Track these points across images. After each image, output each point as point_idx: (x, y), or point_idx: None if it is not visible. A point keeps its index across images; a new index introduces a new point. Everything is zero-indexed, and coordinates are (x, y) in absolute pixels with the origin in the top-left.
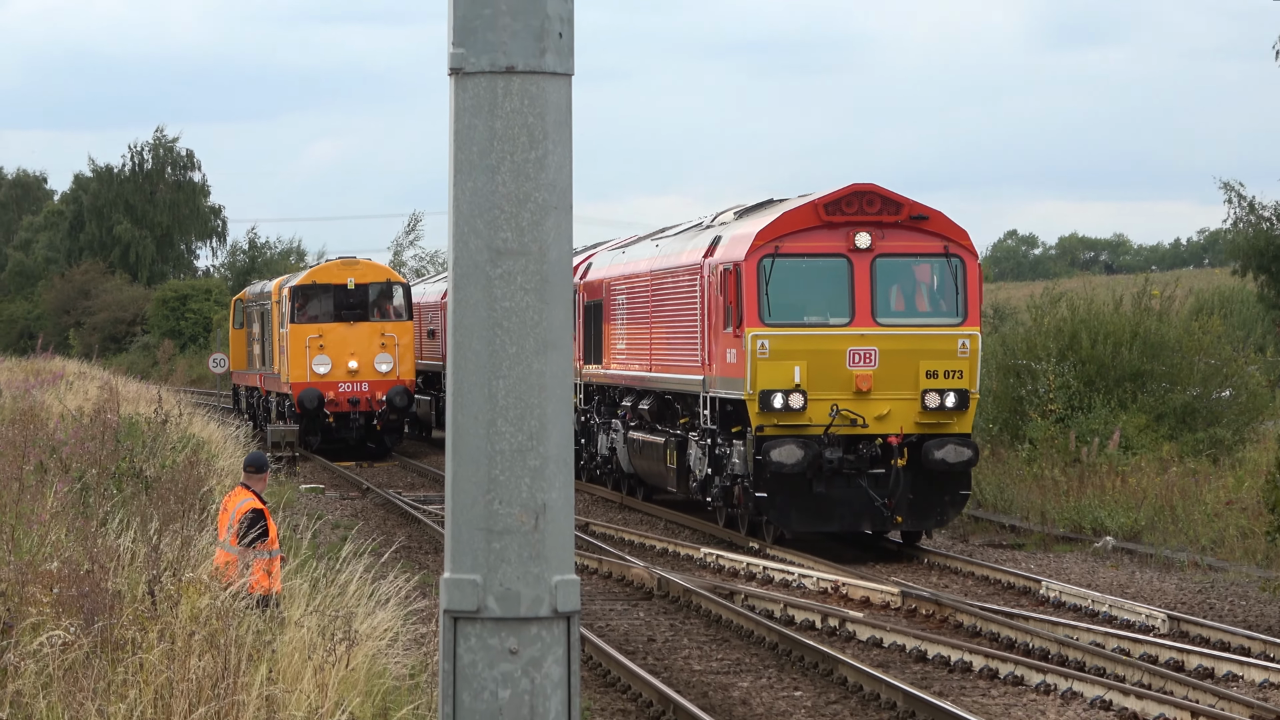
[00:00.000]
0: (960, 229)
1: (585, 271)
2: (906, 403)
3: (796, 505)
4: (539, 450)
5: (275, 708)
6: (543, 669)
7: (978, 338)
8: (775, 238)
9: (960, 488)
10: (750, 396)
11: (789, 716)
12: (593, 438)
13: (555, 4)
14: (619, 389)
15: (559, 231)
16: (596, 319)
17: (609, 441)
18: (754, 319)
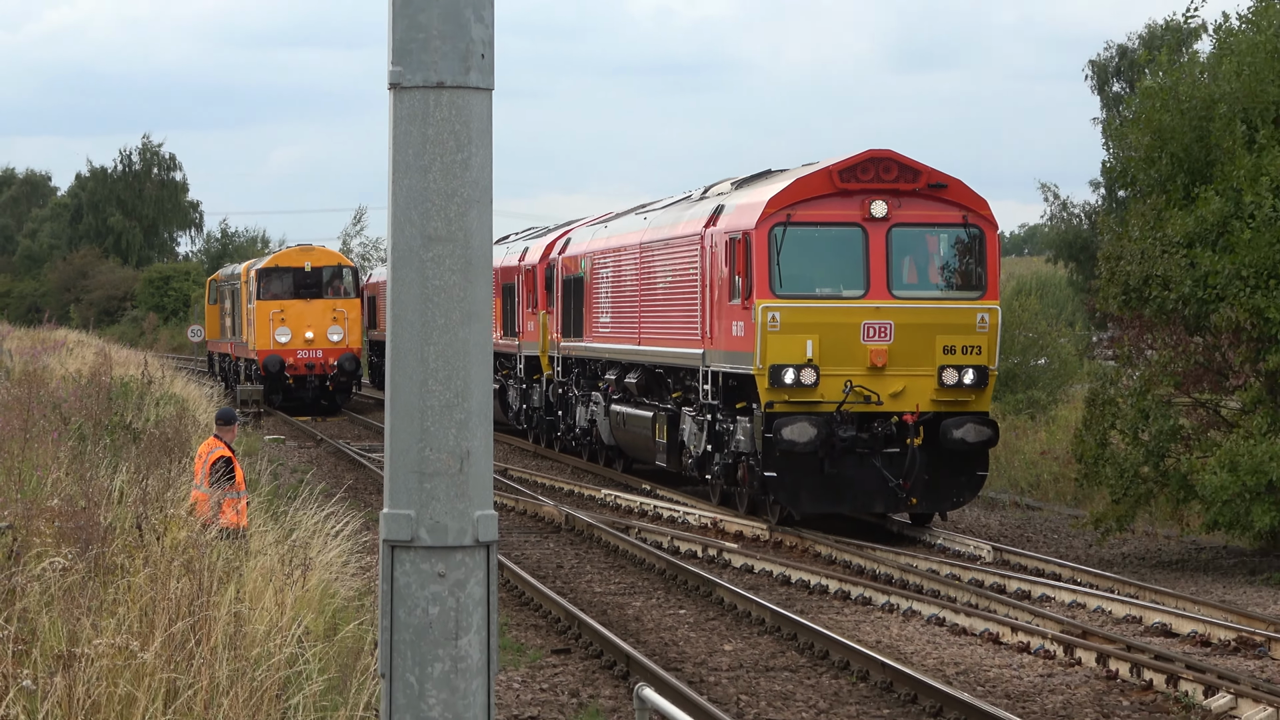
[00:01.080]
0: (979, 198)
1: (564, 247)
2: (923, 379)
3: (807, 485)
4: (464, 406)
5: (241, 623)
6: (466, 589)
7: (998, 312)
8: (787, 205)
9: (977, 468)
10: (759, 371)
11: (675, 630)
12: (570, 410)
13: (478, 30)
14: (602, 362)
15: (481, 222)
16: (576, 293)
17: (588, 414)
18: (764, 290)
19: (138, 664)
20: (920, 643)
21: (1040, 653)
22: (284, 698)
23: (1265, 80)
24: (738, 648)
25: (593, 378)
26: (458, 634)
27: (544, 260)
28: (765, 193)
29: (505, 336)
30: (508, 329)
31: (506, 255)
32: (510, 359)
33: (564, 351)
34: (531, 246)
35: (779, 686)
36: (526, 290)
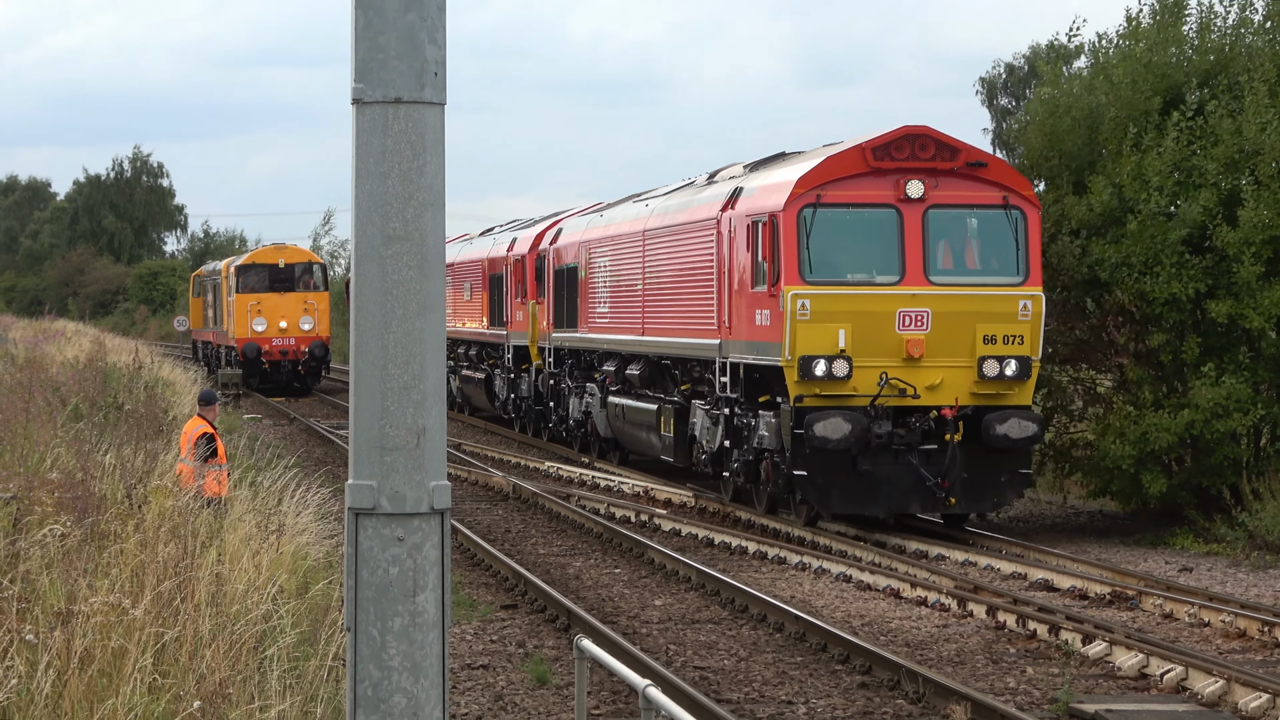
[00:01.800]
0: (1021, 177)
1: (555, 237)
2: (961, 371)
3: (838, 485)
4: (420, 387)
5: (222, 582)
6: (423, 552)
7: (1041, 299)
8: (817, 185)
9: (1020, 466)
10: (788, 363)
11: (610, 587)
12: (563, 401)
13: (432, 50)
14: (599, 353)
15: (435, 223)
16: (570, 283)
17: (583, 405)
18: (793, 276)
19: (129, 620)
20: (829, 597)
21: (936, 606)
22: (260, 649)
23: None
24: (667, 603)
25: (588, 369)
26: (415, 592)
27: (533, 251)
28: (793, 172)
29: (492, 326)
30: (495, 319)
31: (494, 246)
32: (497, 349)
33: (556, 342)
34: (520, 237)
35: (704, 637)
36: (515, 281)
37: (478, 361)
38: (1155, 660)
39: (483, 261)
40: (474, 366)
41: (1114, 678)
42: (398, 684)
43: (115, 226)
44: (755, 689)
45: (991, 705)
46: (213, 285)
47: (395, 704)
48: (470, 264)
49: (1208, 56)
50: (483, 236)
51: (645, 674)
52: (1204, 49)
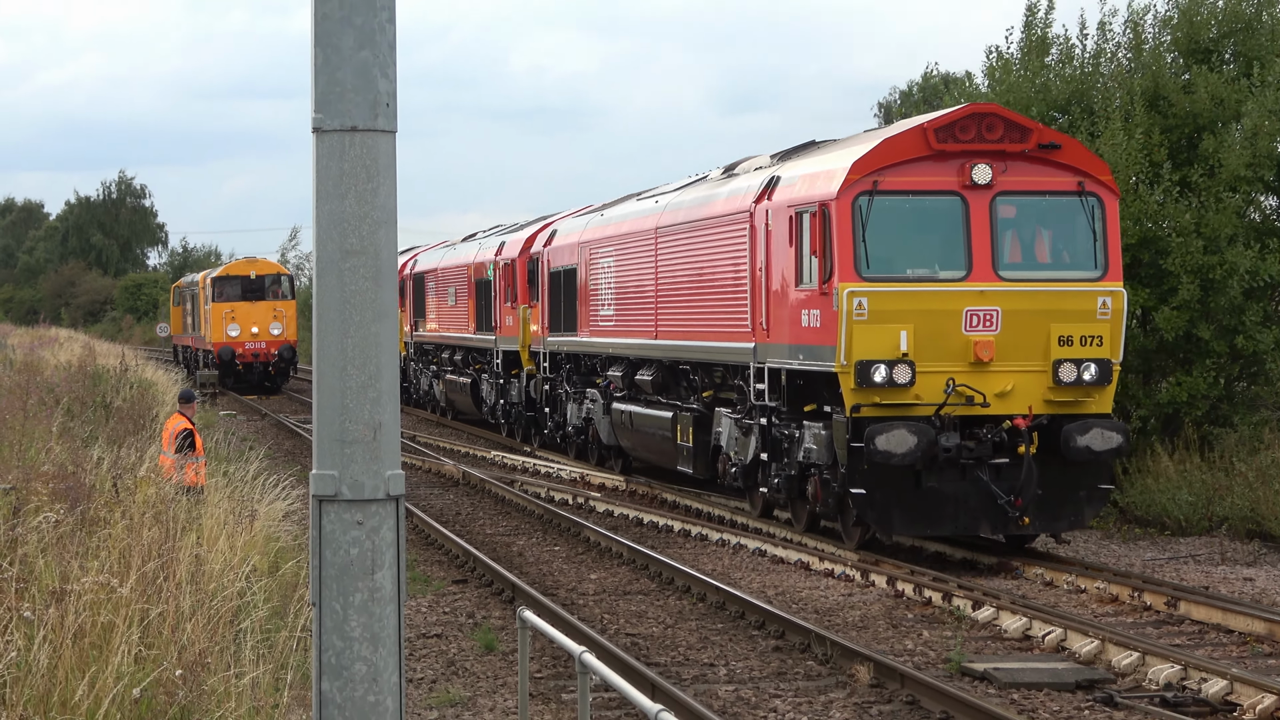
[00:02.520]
0: (1098, 160)
1: (550, 239)
2: (1034, 376)
3: (900, 504)
4: (376, 386)
5: (201, 563)
6: (380, 534)
7: (1122, 295)
8: (874, 170)
9: (1100, 480)
10: (843, 369)
11: (550, 563)
12: (559, 407)
13: (384, 84)
14: (601, 358)
15: (388, 239)
16: (567, 286)
17: (582, 412)
18: (849, 272)
19: (117, 597)
20: (746, 570)
21: (842, 577)
22: (236, 622)
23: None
24: (601, 576)
25: (588, 374)
26: (374, 570)
27: (524, 254)
28: (845, 156)
29: (479, 331)
30: (483, 324)
31: (479, 251)
32: (485, 354)
33: (552, 347)
34: (508, 241)
35: (635, 607)
36: (504, 285)
37: (463, 366)
38: (1038, 623)
39: (468, 267)
40: (459, 371)
41: (1001, 639)
42: (358, 653)
43: (103, 243)
44: (681, 653)
45: (892, 665)
46: (191, 295)
47: (356, 671)
48: (454, 270)
49: (1069, 85)
50: (466, 242)
51: (581, 641)
52: (1065, 78)
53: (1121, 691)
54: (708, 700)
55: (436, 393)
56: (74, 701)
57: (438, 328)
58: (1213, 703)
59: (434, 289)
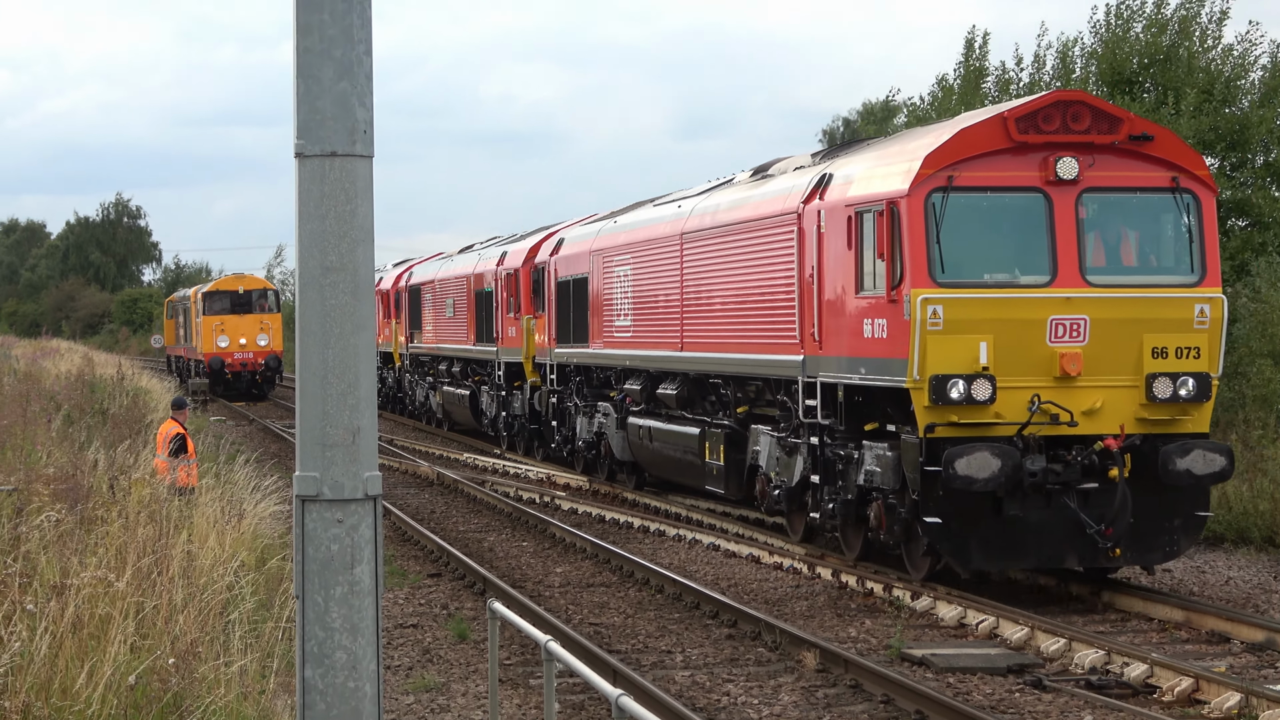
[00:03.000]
0: (1193, 154)
1: (557, 247)
2: (1125, 391)
3: (979, 534)
4: (355, 393)
5: (192, 558)
6: (359, 531)
7: (1221, 302)
8: (949, 164)
9: (1198, 506)
10: (916, 384)
11: (519, 558)
12: (567, 420)
13: (361, 113)
14: (616, 370)
15: (366, 256)
16: (578, 295)
17: (593, 426)
18: (921, 277)
19: (114, 591)
20: (701, 564)
21: (790, 570)
22: (225, 614)
23: None
24: (566, 570)
25: (599, 386)
26: (353, 564)
27: (528, 264)
28: (916, 148)
29: (479, 343)
30: (483, 335)
31: (479, 262)
32: (485, 365)
33: (560, 359)
34: (510, 251)
35: (598, 598)
36: (506, 295)
37: (461, 378)
38: (972, 612)
39: (467, 278)
40: (457, 383)
41: (938, 627)
42: (339, 642)
43: (101, 260)
44: (641, 641)
45: (836, 652)
46: (183, 309)
47: (337, 659)
48: (452, 281)
49: None
50: (464, 254)
51: (547, 630)
52: None
53: (1049, 675)
54: (665, 685)
55: (433, 404)
56: (74, 689)
57: (435, 339)
58: (1134, 685)
59: (431, 301)
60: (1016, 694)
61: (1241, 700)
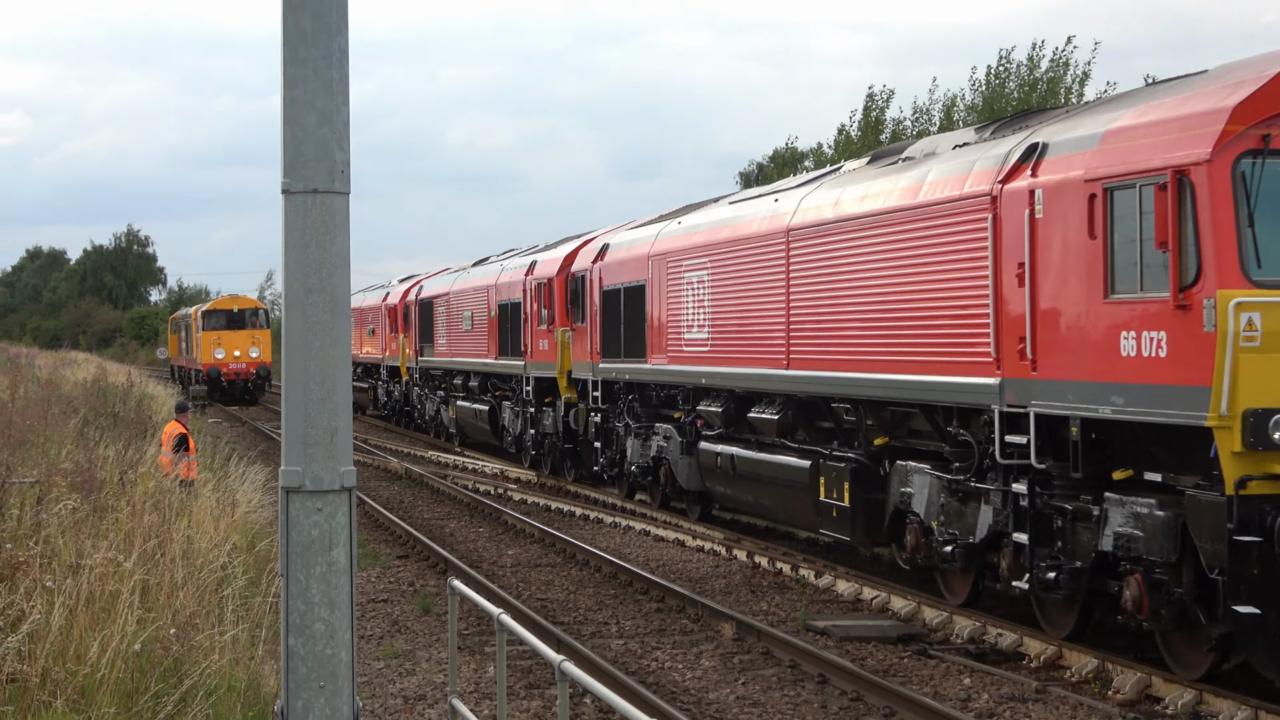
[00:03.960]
0: None
1: (600, 254)
2: None
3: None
4: (332, 398)
5: (191, 542)
6: (336, 519)
7: None
8: (1260, 120)
9: None
10: (1224, 422)
11: (476, 542)
12: (615, 442)
13: (339, 155)
14: (685, 389)
15: (343, 280)
16: (631, 306)
17: (650, 450)
18: (1232, 274)
19: (122, 570)
20: (634, 547)
21: (710, 552)
22: (219, 590)
23: None
24: (517, 553)
25: (658, 406)
26: (331, 547)
27: (563, 272)
28: (1207, 98)
29: (503, 356)
30: (507, 349)
31: (502, 274)
32: (509, 380)
33: (607, 374)
34: (541, 260)
35: (544, 577)
36: (537, 306)
37: (479, 393)
38: (867, 589)
39: (487, 289)
40: (473, 398)
41: (838, 602)
42: (318, 615)
43: (114, 283)
44: (581, 614)
45: (750, 623)
46: (185, 325)
47: (317, 629)
48: (470, 293)
49: None
50: (480, 266)
51: (500, 604)
52: None
53: (933, 644)
54: (602, 652)
55: (445, 419)
56: (86, 655)
57: (449, 353)
58: (1006, 653)
59: (445, 314)
60: (905, 660)
61: (1098, 665)
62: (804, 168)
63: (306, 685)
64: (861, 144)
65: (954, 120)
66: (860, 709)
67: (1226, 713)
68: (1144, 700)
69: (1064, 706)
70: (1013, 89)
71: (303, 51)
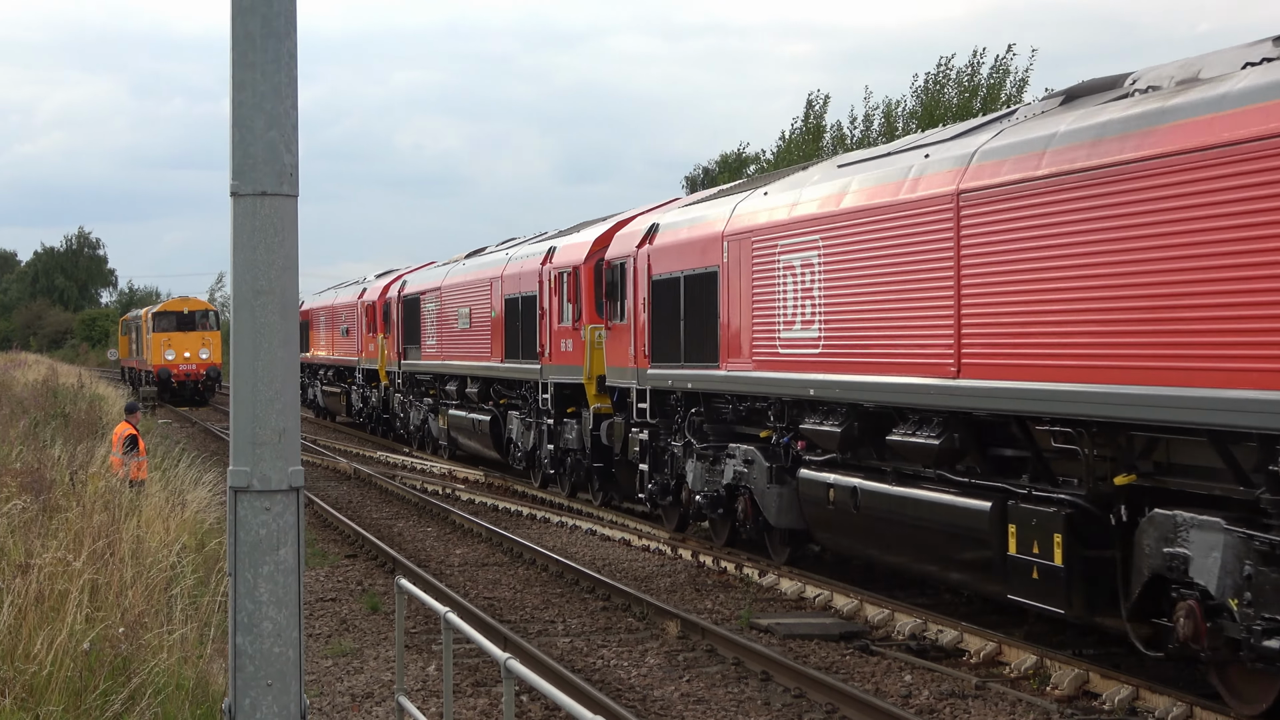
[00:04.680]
0: None
1: (648, 236)
2: None
3: None
4: (281, 399)
5: (141, 541)
6: (285, 518)
7: None
8: None
9: None
10: None
11: (424, 542)
12: (669, 464)
13: (288, 158)
14: (773, 401)
15: (291, 281)
16: (697, 298)
17: (721, 475)
18: None
19: (71, 569)
20: (580, 546)
21: (656, 552)
22: (168, 589)
23: None
24: (465, 552)
25: (731, 422)
26: (279, 546)
27: (593, 259)
28: None
29: (511, 359)
30: (515, 350)
31: (510, 263)
32: (519, 386)
33: (659, 382)
34: (563, 246)
35: (492, 576)
36: (558, 300)
37: (479, 401)
38: (810, 587)
39: (490, 283)
40: (472, 406)
41: (781, 600)
42: (266, 613)
43: (64, 285)
44: (528, 612)
45: (695, 621)
46: (136, 327)
47: (265, 628)
48: (467, 287)
49: None
50: (477, 256)
51: (447, 603)
52: None
53: (875, 641)
54: (549, 650)
55: (433, 429)
56: (35, 653)
57: (440, 355)
58: (947, 649)
59: (435, 311)
60: (848, 657)
61: (1036, 661)
62: (747, 174)
63: (254, 683)
64: (803, 149)
65: (894, 127)
66: (803, 706)
67: (1162, 708)
68: (1081, 696)
69: (1003, 702)
70: (951, 95)
71: (251, 55)
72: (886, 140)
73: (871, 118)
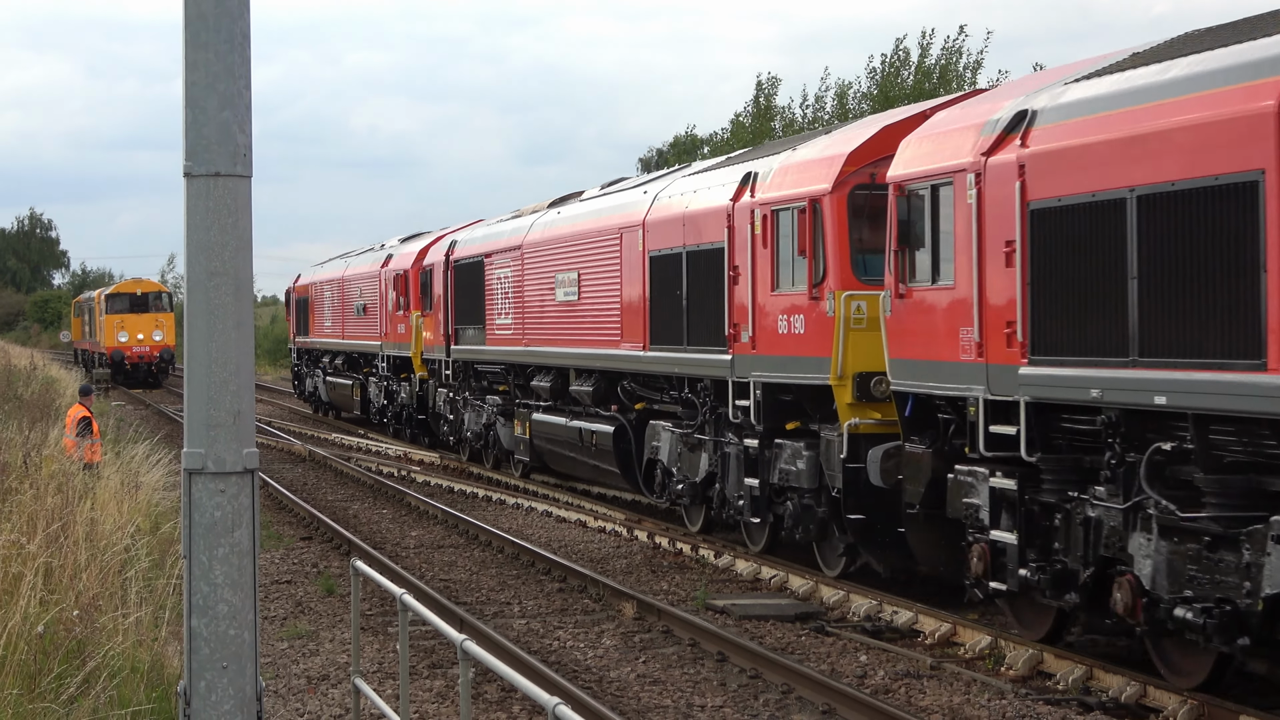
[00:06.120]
0: None
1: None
2: None
3: None
4: (235, 381)
5: (95, 524)
6: (239, 500)
7: None
8: None
9: None
10: None
11: (379, 524)
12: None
13: (241, 139)
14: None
15: (245, 262)
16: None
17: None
18: None
19: (25, 553)
20: (536, 528)
21: (612, 533)
22: (123, 572)
23: None
24: (420, 534)
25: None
26: (234, 529)
27: (841, 188)
28: None
29: (660, 346)
30: (661, 334)
31: (653, 203)
32: (663, 383)
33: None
34: (763, 169)
35: (447, 558)
36: (759, 253)
37: (593, 404)
38: (765, 569)
39: (618, 234)
40: (581, 412)
41: (737, 581)
42: (221, 595)
43: (17, 266)
44: (484, 594)
45: (651, 602)
46: (89, 308)
47: (220, 610)
48: (569, 240)
49: None
50: (571, 203)
51: (403, 585)
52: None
53: (830, 622)
54: (505, 631)
55: (504, 438)
56: None
57: (519, 337)
58: (902, 630)
59: (509, 278)
60: (803, 638)
61: (991, 642)
62: (702, 155)
63: (210, 666)
64: (752, 131)
65: (847, 109)
66: (759, 686)
67: (1116, 688)
68: (1035, 676)
69: (958, 683)
70: (906, 77)
71: (204, 35)
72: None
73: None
